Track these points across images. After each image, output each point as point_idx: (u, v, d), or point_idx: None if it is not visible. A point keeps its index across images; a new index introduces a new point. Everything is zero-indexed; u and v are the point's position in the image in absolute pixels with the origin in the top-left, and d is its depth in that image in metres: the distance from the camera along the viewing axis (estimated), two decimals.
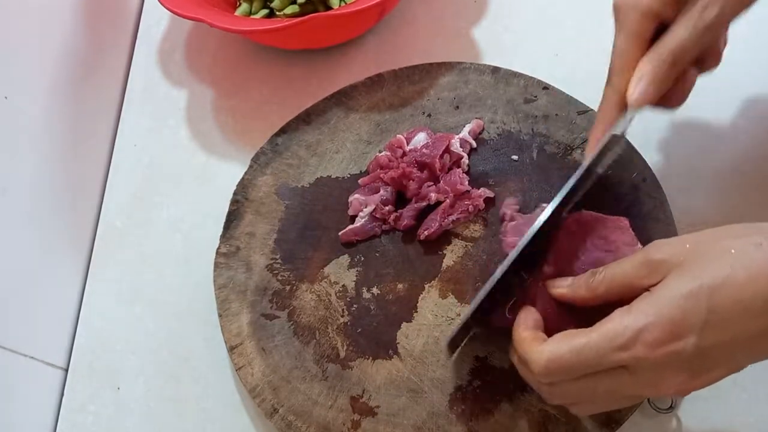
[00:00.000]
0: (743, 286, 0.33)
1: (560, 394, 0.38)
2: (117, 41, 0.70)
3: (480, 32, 0.64)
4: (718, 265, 0.34)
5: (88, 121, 0.64)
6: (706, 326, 0.33)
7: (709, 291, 0.33)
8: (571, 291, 0.41)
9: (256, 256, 0.54)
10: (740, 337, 0.33)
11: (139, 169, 0.63)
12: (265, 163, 0.57)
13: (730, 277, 0.33)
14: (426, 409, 0.46)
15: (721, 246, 0.35)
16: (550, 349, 0.37)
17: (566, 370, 0.36)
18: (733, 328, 0.33)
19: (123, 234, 0.60)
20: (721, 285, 0.33)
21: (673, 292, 0.34)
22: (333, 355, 0.49)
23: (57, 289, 0.58)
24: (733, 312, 0.33)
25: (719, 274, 0.34)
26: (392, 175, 0.53)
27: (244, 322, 0.51)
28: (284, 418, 0.47)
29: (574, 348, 0.36)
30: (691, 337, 0.33)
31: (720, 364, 0.34)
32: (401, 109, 0.58)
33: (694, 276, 0.34)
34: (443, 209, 0.51)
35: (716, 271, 0.34)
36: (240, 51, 0.67)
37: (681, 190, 0.52)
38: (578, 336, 0.36)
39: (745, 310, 0.33)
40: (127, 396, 0.54)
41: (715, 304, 0.33)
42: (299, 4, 0.62)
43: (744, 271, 0.33)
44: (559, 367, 0.36)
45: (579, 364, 0.36)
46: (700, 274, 0.34)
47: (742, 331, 0.33)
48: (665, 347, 0.34)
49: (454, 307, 0.49)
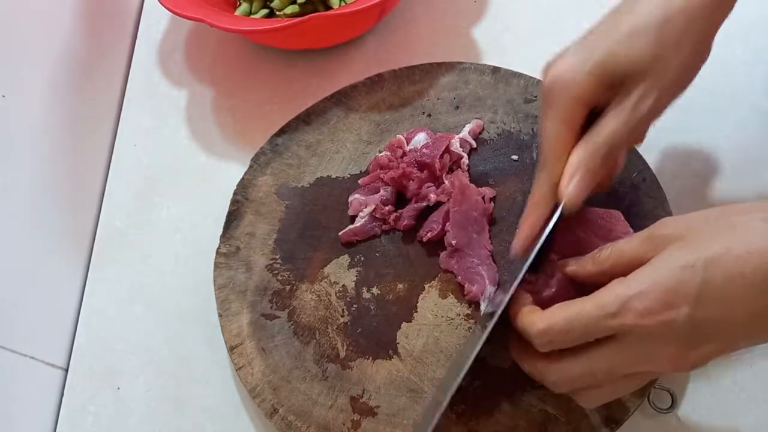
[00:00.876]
0: (743, 260, 0.33)
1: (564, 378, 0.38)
2: (117, 41, 0.70)
3: (480, 32, 0.64)
4: (720, 239, 0.34)
5: (88, 121, 0.64)
6: (700, 297, 0.33)
7: (705, 263, 0.33)
8: (580, 267, 0.40)
9: (256, 256, 0.54)
10: (737, 313, 0.33)
11: (139, 169, 0.63)
12: (265, 163, 0.57)
13: (729, 250, 0.33)
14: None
15: (725, 221, 0.35)
16: (546, 316, 0.37)
17: (561, 336, 0.36)
18: (730, 302, 0.33)
19: (123, 234, 0.60)
20: (720, 258, 0.33)
21: (669, 262, 0.34)
22: (333, 355, 0.49)
23: (57, 289, 0.58)
24: (730, 286, 0.33)
25: (719, 246, 0.33)
26: (392, 175, 0.53)
27: (244, 322, 0.51)
28: (284, 418, 0.47)
29: (568, 315, 0.36)
30: (683, 307, 0.33)
31: (713, 339, 0.34)
32: (401, 109, 0.58)
33: (693, 248, 0.34)
34: (445, 210, 0.51)
35: (716, 244, 0.33)
36: (240, 51, 0.67)
37: (681, 190, 0.52)
38: (573, 304, 0.36)
39: (745, 285, 0.32)
40: (127, 396, 0.54)
41: (712, 276, 0.33)
42: (299, 4, 0.62)
43: (744, 246, 0.33)
44: (555, 332, 0.36)
45: (572, 330, 0.36)
46: (699, 247, 0.34)
47: (740, 307, 0.33)
48: (656, 316, 0.34)
49: (454, 307, 0.49)
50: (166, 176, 0.62)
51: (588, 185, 0.40)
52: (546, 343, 0.37)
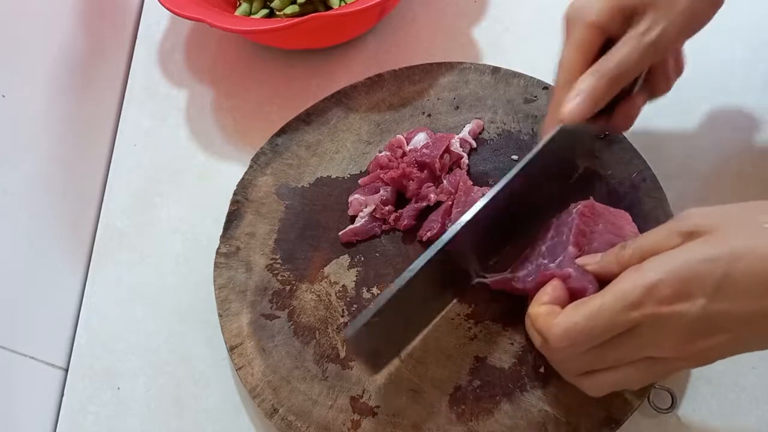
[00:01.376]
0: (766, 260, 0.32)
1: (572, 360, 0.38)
2: (117, 41, 0.70)
3: (480, 32, 0.64)
4: (744, 236, 0.34)
5: (88, 121, 0.64)
6: (717, 290, 0.33)
7: (729, 258, 0.33)
8: (601, 267, 0.40)
9: (256, 256, 0.54)
10: (752, 312, 0.33)
11: (139, 169, 0.63)
12: (265, 164, 0.57)
13: (753, 249, 0.33)
14: (426, 409, 0.46)
15: (753, 219, 0.34)
16: (564, 319, 0.37)
17: (584, 337, 0.36)
18: (746, 299, 0.33)
19: (123, 234, 0.60)
20: (743, 255, 0.33)
21: (690, 254, 0.34)
22: (333, 355, 0.49)
23: (57, 289, 0.58)
24: (750, 283, 0.33)
25: (743, 244, 0.33)
26: (392, 175, 0.53)
27: (244, 322, 0.51)
28: (284, 418, 0.47)
29: (588, 313, 0.36)
30: (700, 298, 0.33)
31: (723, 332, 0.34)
32: (401, 109, 0.58)
33: (716, 243, 0.34)
34: (445, 209, 0.51)
35: (742, 242, 0.33)
36: (240, 51, 0.67)
37: (681, 190, 0.52)
38: (591, 301, 0.36)
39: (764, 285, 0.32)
40: (127, 396, 0.54)
41: (732, 271, 0.33)
42: (299, 4, 0.62)
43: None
44: (577, 335, 0.36)
45: (595, 329, 0.35)
46: (723, 243, 0.34)
47: (755, 306, 0.33)
48: (672, 305, 0.34)
49: (454, 307, 0.49)
50: (166, 176, 0.62)
51: (588, 107, 0.42)
52: (568, 346, 0.37)
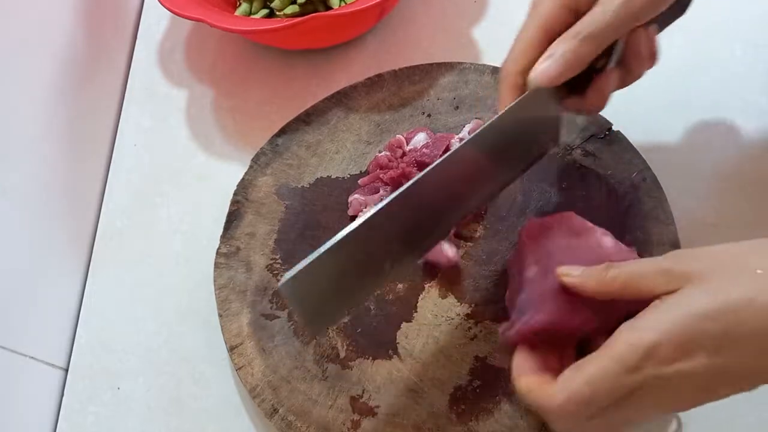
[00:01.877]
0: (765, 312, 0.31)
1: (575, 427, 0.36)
2: (117, 41, 0.70)
3: (480, 32, 0.64)
4: (741, 285, 0.32)
5: (88, 121, 0.64)
6: (718, 347, 0.32)
7: (725, 312, 0.32)
8: (581, 281, 0.38)
9: (256, 257, 0.54)
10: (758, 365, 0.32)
11: (139, 169, 0.63)
12: (265, 164, 0.57)
13: (752, 301, 0.31)
14: (426, 409, 0.46)
15: (747, 264, 0.33)
16: (562, 388, 0.34)
17: (585, 405, 0.34)
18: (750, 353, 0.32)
19: (123, 234, 0.60)
20: (741, 308, 0.31)
21: (686, 308, 0.33)
22: (333, 355, 0.49)
23: (57, 289, 0.58)
24: (752, 338, 0.31)
25: (740, 295, 0.32)
26: (392, 175, 0.53)
27: (244, 322, 0.51)
28: (284, 418, 0.47)
29: (588, 379, 0.34)
30: (701, 357, 0.32)
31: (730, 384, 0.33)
32: (401, 109, 0.58)
33: (712, 294, 0.32)
34: None
35: (737, 292, 0.32)
36: (240, 51, 0.67)
37: (681, 190, 0.52)
38: (587, 365, 0.34)
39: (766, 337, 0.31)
40: (127, 396, 0.54)
41: (732, 327, 0.31)
42: (299, 4, 0.62)
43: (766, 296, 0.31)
44: (578, 404, 0.34)
45: (597, 396, 0.33)
46: (718, 292, 0.32)
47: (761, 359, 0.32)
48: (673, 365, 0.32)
49: (454, 307, 0.49)
50: (166, 176, 0.62)
51: (558, 69, 0.40)
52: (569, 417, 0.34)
